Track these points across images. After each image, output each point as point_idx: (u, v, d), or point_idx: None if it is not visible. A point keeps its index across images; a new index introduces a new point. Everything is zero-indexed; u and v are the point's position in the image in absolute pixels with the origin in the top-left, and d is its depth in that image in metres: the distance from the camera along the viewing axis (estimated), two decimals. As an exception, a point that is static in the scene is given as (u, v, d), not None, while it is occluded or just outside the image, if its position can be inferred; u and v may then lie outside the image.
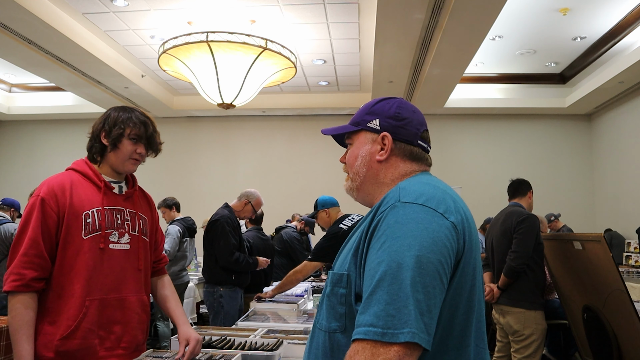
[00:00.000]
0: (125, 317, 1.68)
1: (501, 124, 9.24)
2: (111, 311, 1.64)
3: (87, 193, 1.67)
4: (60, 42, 5.94)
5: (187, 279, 5.06)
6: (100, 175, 1.72)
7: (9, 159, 9.94)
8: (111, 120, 1.70)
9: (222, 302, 3.74)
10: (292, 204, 8.01)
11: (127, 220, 1.73)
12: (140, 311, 1.74)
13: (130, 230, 1.73)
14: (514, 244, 3.35)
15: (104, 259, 1.64)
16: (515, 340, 3.41)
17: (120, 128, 1.68)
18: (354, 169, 1.14)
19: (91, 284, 1.60)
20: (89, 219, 1.63)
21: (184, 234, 4.99)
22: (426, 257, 0.86)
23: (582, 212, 8.80)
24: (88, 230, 1.62)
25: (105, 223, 1.66)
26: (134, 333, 1.70)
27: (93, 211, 1.65)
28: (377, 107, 1.15)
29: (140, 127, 1.71)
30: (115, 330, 1.65)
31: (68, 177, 1.68)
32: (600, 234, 2.90)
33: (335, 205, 3.52)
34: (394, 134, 1.11)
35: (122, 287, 1.68)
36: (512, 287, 3.38)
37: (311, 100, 8.92)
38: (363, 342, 0.83)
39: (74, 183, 1.66)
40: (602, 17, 6.02)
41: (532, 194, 3.72)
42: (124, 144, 1.70)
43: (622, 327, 2.76)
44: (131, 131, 1.70)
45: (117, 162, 1.72)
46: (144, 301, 1.76)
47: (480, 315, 1.00)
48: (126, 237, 1.71)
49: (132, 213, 1.76)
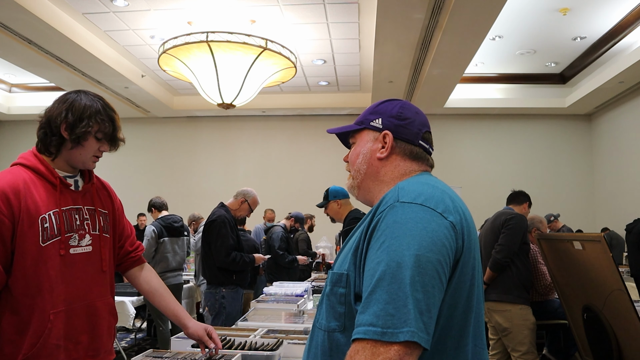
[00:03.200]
0: (92, 325, 1.54)
1: (501, 124, 9.24)
2: (77, 321, 1.49)
3: (42, 194, 1.46)
4: (60, 42, 5.95)
5: (175, 282, 4.72)
6: (54, 170, 1.50)
7: (9, 159, 9.82)
8: (76, 111, 1.47)
9: (224, 303, 3.73)
10: (292, 204, 8.01)
11: (86, 220, 1.55)
12: (108, 316, 1.62)
13: (91, 230, 1.56)
14: (500, 238, 3.51)
15: (65, 266, 1.47)
16: (507, 339, 3.47)
17: (88, 125, 1.47)
18: (356, 166, 1.16)
19: (54, 296, 1.43)
20: (46, 224, 1.43)
21: (161, 234, 4.62)
22: (425, 257, 0.86)
23: (582, 212, 8.81)
24: (46, 236, 1.43)
25: (64, 226, 1.47)
26: (101, 339, 1.57)
27: (50, 214, 1.45)
28: (380, 107, 1.17)
29: (108, 125, 1.52)
30: (82, 340, 1.50)
31: (19, 176, 1.44)
32: (600, 234, 2.91)
33: (347, 197, 3.46)
34: (396, 132, 1.12)
35: (88, 294, 1.53)
36: (496, 283, 3.50)
37: (311, 100, 8.92)
38: (363, 342, 0.83)
39: (27, 183, 1.44)
40: (602, 17, 6.02)
41: (528, 207, 3.81)
42: (90, 141, 1.49)
43: (622, 327, 2.76)
44: (99, 128, 1.50)
45: (77, 160, 1.52)
46: (110, 304, 1.64)
47: (479, 315, 1.01)
48: (87, 239, 1.55)
49: (91, 210, 1.58)
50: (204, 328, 1.69)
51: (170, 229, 4.69)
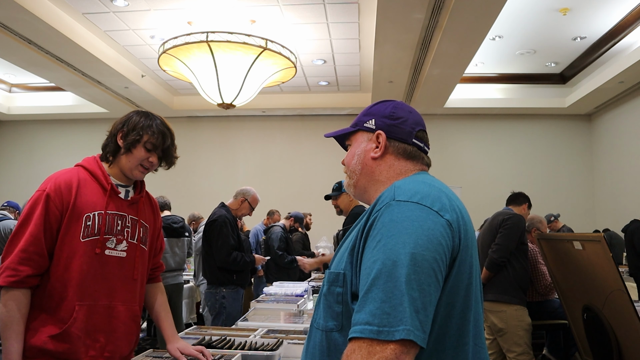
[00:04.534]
0: (111, 326, 1.63)
1: (501, 124, 9.24)
2: (98, 319, 1.60)
3: (92, 194, 1.63)
4: (60, 42, 5.95)
5: (175, 282, 4.73)
6: (108, 177, 1.68)
7: (9, 159, 9.94)
8: (131, 124, 1.67)
9: (224, 303, 3.74)
10: (292, 204, 8.01)
11: (127, 227, 1.69)
12: (129, 321, 1.69)
13: (129, 238, 1.69)
14: (497, 238, 3.51)
15: (98, 264, 1.60)
16: (502, 339, 3.47)
17: (139, 134, 1.66)
18: (351, 167, 1.19)
19: (82, 289, 1.56)
20: (89, 222, 1.59)
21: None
22: (421, 255, 0.86)
23: (582, 212, 8.80)
24: (87, 233, 1.59)
25: (104, 228, 1.62)
26: (118, 343, 1.65)
27: (95, 214, 1.61)
28: (374, 108, 1.19)
29: (159, 137, 1.68)
30: (100, 339, 1.60)
31: (76, 175, 1.64)
32: (600, 234, 2.91)
33: None
34: (388, 132, 1.14)
35: (113, 295, 1.64)
36: (493, 283, 3.50)
37: (311, 100, 8.92)
38: (359, 341, 0.83)
39: (81, 182, 1.62)
40: (602, 17, 6.02)
41: (528, 208, 3.81)
42: (138, 149, 1.67)
43: (622, 327, 2.76)
44: (149, 139, 1.67)
45: (127, 167, 1.69)
46: (134, 311, 1.71)
47: (478, 314, 1.00)
48: (124, 244, 1.67)
49: (134, 220, 1.72)
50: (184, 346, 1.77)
51: (169, 230, 4.68)
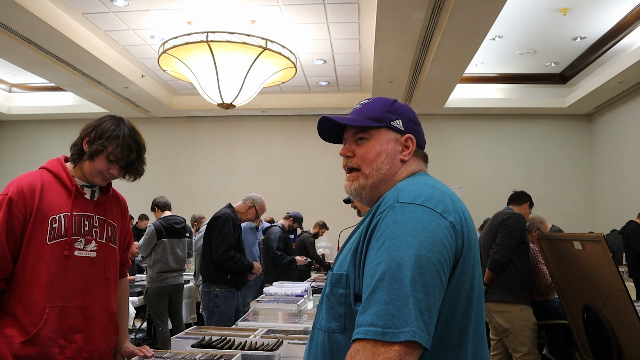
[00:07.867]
0: (88, 326, 1.63)
1: (501, 124, 9.24)
2: (72, 320, 1.59)
3: (57, 197, 1.61)
4: (60, 42, 5.95)
5: (175, 282, 4.75)
6: (72, 178, 1.67)
7: (8, 159, 9.94)
8: (99, 130, 1.65)
9: (217, 303, 3.74)
10: (292, 204, 8.00)
11: (95, 227, 1.68)
12: (106, 321, 1.70)
13: (98, 238, 1.68)
14: (498, 238, 3.49)
15: (67, 266, 1.59)
16: (508, 340, 3.46)
17: (103, 145, 1.63)
18: (375, 164, 1.10)
19: (52, 292, 1.55)
20: (55, 224, 1.58)
21: (161, 234, 4.61)
22: (425, 257, 0.87)
23: (582, 212, 8.81)
24: (53, 235, 1.57)
25: (71, 229, 1.61)
26: (96, 343, 1.66)
27: (60, 216, 1.59)
28: (396, 106, 1.15)
29: (123, 150, 1.65)
30: (76, 340, 1.60)
31: (39, 178, 1.62)
32: (600, 234, 2.90)
33: None
34: (416, 138, 1.15)
35: (86, 296, 1.63)
36: (496, 284, 3.48)
37: (311, 100, 8.92)
38: (363, 342, 0.83)
39: (45, 185, 1.61)
40: (602, 17, 6.02)
41: (529, 207, 3.79)
42: (100, 159, 1.64)
43: (622, 327, 2.76)
44: (112, 151, 1.64)
45: (88, 173, 1.67)
46: (110, 310, 1.72)
47: (480, 315, 1.01)
48: (93, 245, 1.66)
49: (101, 220, 1.71)
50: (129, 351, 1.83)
51: (170, 230, 4.69)
